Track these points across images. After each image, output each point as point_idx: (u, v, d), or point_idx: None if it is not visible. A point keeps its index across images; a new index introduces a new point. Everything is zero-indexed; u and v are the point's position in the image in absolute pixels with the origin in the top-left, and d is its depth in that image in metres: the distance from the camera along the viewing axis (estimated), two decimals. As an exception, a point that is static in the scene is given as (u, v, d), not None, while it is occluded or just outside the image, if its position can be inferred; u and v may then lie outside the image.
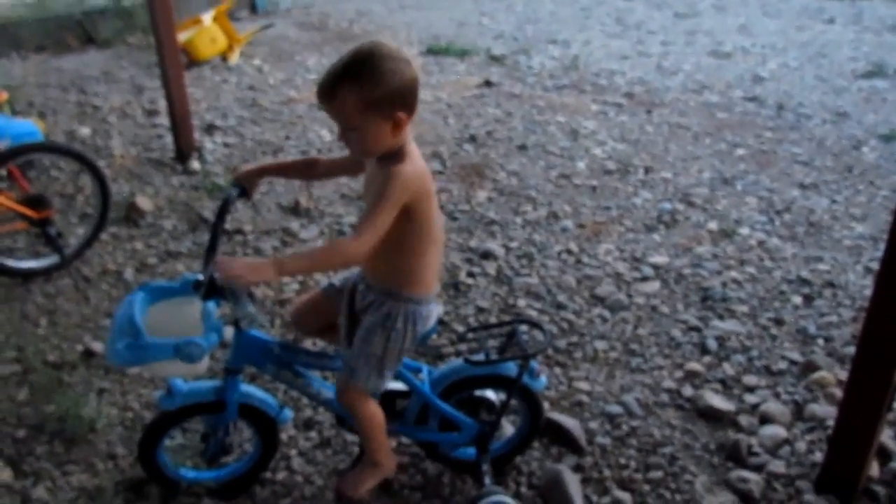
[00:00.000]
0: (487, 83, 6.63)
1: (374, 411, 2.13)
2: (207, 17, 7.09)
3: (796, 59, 7.43)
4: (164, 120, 5.32)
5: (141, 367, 1.93)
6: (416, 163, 1.86)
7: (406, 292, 2.00)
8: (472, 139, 5.34)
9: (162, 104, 5.36)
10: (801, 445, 2.61)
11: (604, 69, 7.14)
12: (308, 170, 2.21)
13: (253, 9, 9.51)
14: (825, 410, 2.75)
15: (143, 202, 4.23)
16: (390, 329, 2.00)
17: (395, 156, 1.85)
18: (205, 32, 6.97)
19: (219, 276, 1.69)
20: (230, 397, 2.11)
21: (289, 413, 2.28)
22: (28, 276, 3.56)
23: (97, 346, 3.06)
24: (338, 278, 2.25)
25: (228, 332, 2.18)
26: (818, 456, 2.54)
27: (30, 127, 3.87)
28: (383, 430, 2.17)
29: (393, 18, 9.33)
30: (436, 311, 2.12)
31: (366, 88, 1.74)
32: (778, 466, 2.51)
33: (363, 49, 1.77)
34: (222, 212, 2.06)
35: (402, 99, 1.79)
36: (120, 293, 3.47)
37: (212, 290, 1.72)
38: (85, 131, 5.35)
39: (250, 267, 1.69)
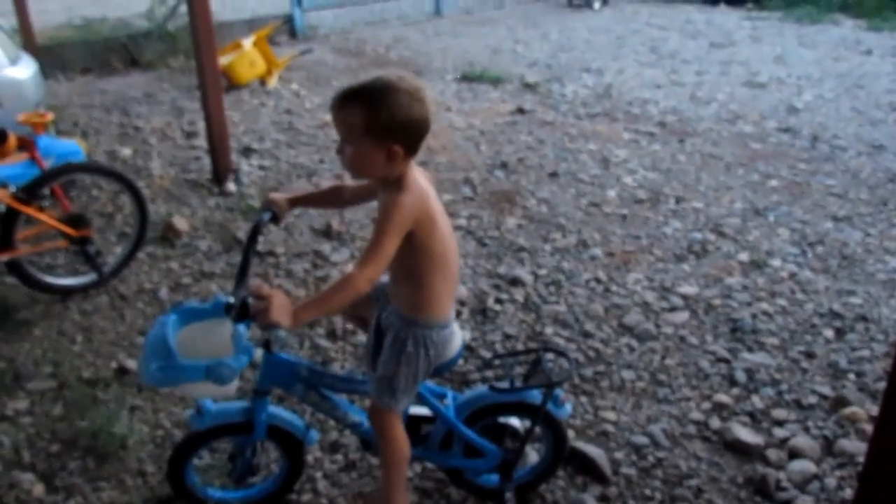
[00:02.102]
0: (520, 110, 6.69)
1: (400, 438, 2.13)
2: (248, 42, 7.26)
3: (832, 91, 7.37)
4: (202, 142, 5.45)
5: (173, 387, 1.98)
6: (416, 192, 1.89)
7: (414, 317, 2.03)
8: (504, 166, 5.38)
9: (201, 126, 5.50)
10: (831, 481, 2.58)
11: (637, 98, 7.15)
12: (334, 197, 2.26)
13: (292, 34, 9.72)
14: (856, 446, 2.70)
15: (180, 222, 4.32)
16: (400, 352, 2.03)
17: (394, 185, 1.89)
18: (244, 57, 7.14)
19: (253, 303, 1.74)
20: (258, 418, 2.15)
21: (315, 434, 2.31)
22: (66, 293, 3.66)
23: (131, 364, 3.12)
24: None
25: (258, 353, 2.22)
26: (848, 493, 2.51)
27: (73, 147, 3.98)
28: (404, 465, 2.17)
29: (429, 45, 9.46)
30: (454, 336, 2.12)
31: (372, 112, 1.81)
32: (806, 502, 2.48)
33: (385, 77, 1.84)
34: (253, 235, 2.11)
35: (401, 134, 1.84)
36: (154, 311, 3.55)
37: (243, 313, 1.76)
38: (126, 152, 5.49)
39: (274, 312, 1.73)
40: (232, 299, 1.89)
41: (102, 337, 3.38)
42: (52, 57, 7.46)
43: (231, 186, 4.92)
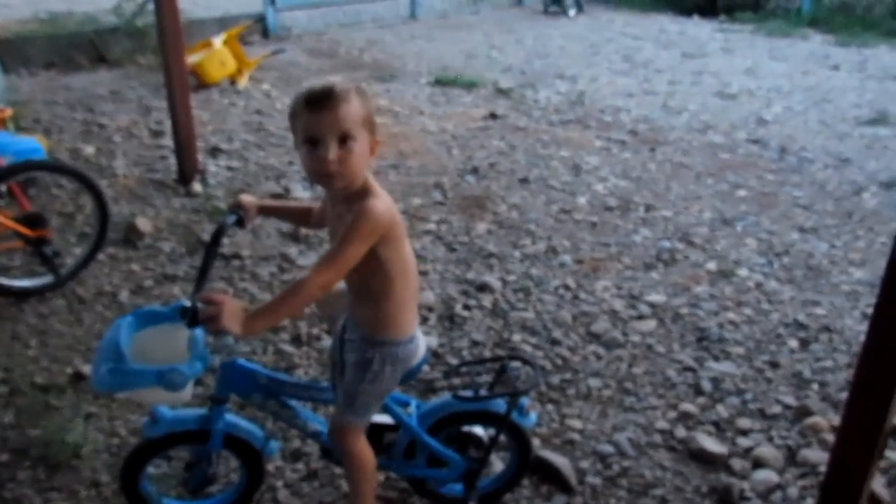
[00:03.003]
0: (493, 115, 6.67)
1: (365, 452, 2.08)
2: (218, 41, 7.16)
3: (801, 104, 7.45)
4: (169, 141, 5.35)
5: (125, 393, 1.91)
6: (386, 198, 1.85)
7: (380, 336, 1.98)
8: (475, 171, 5.35)
9: (168, 125, 5.39)
10: (794, 491, 2.58)
11: (609, 106, 7.18)
12: (303, 216, 2.21)
13: (265, 33, 9.62)
14: (818, 456, 2.72)
15: (143, 223, 4.23)
16: (365, 370, 1.98)
17: (365, 191, 1.84)
18: (215, 55, 7.04)
19: (201, 309, 1.69)
20: (215, 427, 2.09)
21: (275, 445, 2.25)
22: (22, 295, 3.55)
23: (87, 369, 3.03)
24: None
25: (217, 359, 2.16)
26: (810, 502, 2.51)
27: (33, 144, 3.88)
28: (371, 477, 2.12)
29: (403, 48, 9.42)
30: (419, 348, 2.09)
31: (366, 103, 1.80)
32: (769, 513, 2.48)
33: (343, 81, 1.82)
34: (216, 238, 2.05)
35: (376, 127, 1.86)
36: (114, 315, 3.46)
37: (193, 318, 1.70)
38: (89, 150, 5.37)
39: (225, 318, 1.67)
40: (189, 303, 1.83)
41: (58, 341, 3.29)
42: (15, 52, 7.28)
43: (197, 187, 4.83)
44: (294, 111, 1.79)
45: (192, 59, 6.58)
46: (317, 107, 1.74)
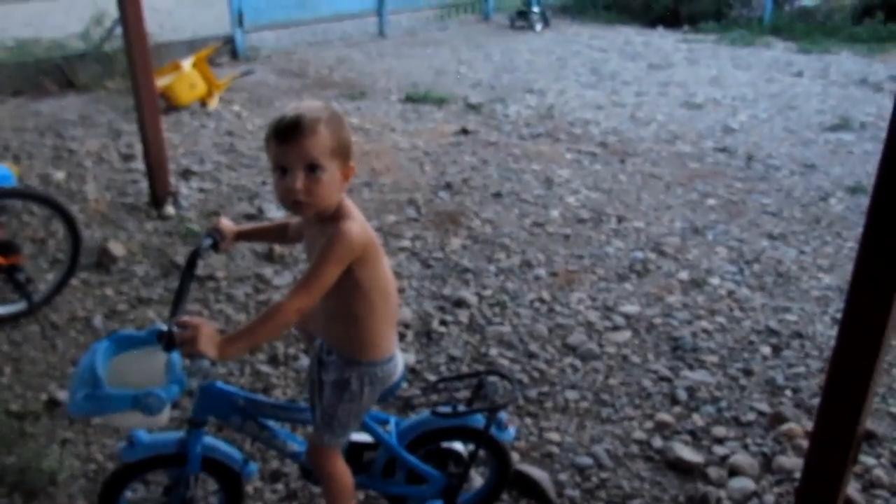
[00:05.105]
0: (464, 131, 6.72)
1: (343, 473, 2.08)
2: (187, 63, 7.15)
3: (766, 111, 7.59)
4: (140, 164, 5.32)
5: (101, 417, 1.90)
6: (360, 219, 1.87)
7: (359, 356, 1.99)
8: (448, 186, 5.38)
9: (139, 148, 5.36)
10: (770, 498, 2.62)
11: (578, 118, 7.26)
12: (281, 234, 2.23)
13: (233, 54, 9.61)
14: (793, 462, 2.76)
15: (116, 248, 4.20)
16: (344, 390, 1.99)
17: (339, 213, 1.85)
18: (184, 78, 7.02)
19: (177, 333, 1.69)
20: (193, 450, 2.08)
21: (254, 467, 2.24)
22: (-6, 322, 3.51)
23: (62, 395, 3.01)
24: None
25: (193, 383, 2.15)
26: (786, 509, 2.55)
27: (2, 171, 3.84)
28: (349, 499, 2.11)
29: (372, 66, 9.46)
30: (398, 366, 2.10)
31: (339, 133, 1.80)
32: (746, 519, 2.52)
33: (316, 103, 1.83)
34: (192, 261, 2.05)
35: (350, 153, 1.86)
36: (88, 340, 3.43)
37: (173, 341, 1.70)
38: (60, 175, 5.33)
39: (201, 341, 1.67)
40: (166, 327, 1.83)
41: (32, 368, 3.25)
42: (-17, 78, 7.22)
43: (170, 210, 4.81)
44: (267, 137, 1.82)
45: (161, 82, 6.56)
46: (284, 138, 1.77)
